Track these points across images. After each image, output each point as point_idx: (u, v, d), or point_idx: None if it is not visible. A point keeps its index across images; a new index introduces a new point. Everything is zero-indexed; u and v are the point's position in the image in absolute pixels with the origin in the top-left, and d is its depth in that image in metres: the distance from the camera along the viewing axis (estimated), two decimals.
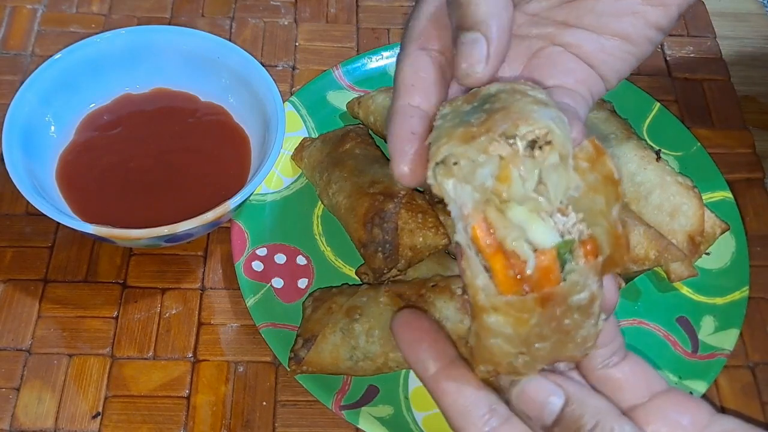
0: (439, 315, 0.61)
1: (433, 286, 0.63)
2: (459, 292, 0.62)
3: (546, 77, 0.50)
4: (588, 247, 0.40)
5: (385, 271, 0.67)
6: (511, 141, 0.39)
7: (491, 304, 0.38)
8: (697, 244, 0.71)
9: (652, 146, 0.75)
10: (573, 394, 0.42)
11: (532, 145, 0.39)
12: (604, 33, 0.50)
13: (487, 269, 0.39)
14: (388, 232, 0.67)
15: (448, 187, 0.40)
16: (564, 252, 0.40)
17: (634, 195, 0.73)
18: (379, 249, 0.67)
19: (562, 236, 0.40)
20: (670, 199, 0.72)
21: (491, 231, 0.40)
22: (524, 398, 0.42)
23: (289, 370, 0.66)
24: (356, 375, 0.66)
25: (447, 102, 0.45)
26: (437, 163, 0.40)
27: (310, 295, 0.70)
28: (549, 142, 0.39)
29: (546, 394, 0.42)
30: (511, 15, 0.45)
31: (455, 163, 0.40)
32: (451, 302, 0.61)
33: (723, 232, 0.73)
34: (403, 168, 0.43)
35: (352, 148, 0.75)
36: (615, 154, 0.74)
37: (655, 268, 0.73)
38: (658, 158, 0.73)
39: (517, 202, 0.40)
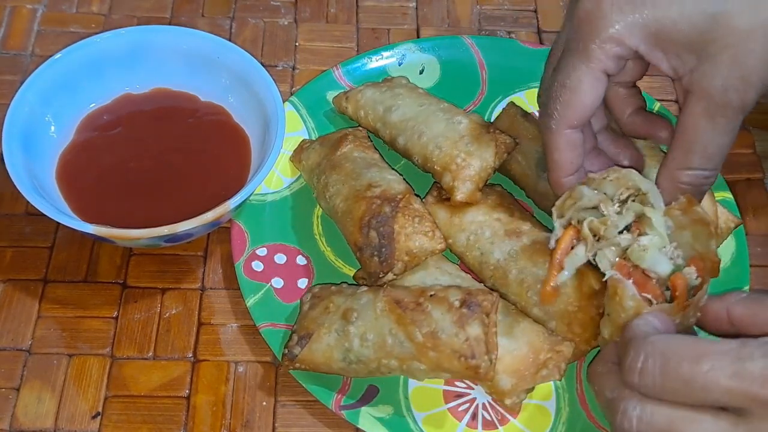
0: (435, 326, 0.60)
1: (431, 295, 0.62)
2: (457, 304, 0.61)
3: None
4: (698, 264, 0.59)
5: (380, 275, 0.67)
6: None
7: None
8: None
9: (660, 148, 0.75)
10: None
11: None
12: None
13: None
14: (384, 236, 0.67)
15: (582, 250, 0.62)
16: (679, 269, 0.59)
17: None
18: (375, 253, 0.67)
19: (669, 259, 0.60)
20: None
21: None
22: None
23: (282, 365, 0.66)
24: (349, 376, 0.66)
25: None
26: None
27: (309, 290, 0.69)
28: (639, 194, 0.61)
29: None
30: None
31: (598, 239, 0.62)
32: (448, 314, 0.60)
33: (736, 227, 0.73)
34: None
35: (351, 151, 0.75)
36: None
37: None
38: None
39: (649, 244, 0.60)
